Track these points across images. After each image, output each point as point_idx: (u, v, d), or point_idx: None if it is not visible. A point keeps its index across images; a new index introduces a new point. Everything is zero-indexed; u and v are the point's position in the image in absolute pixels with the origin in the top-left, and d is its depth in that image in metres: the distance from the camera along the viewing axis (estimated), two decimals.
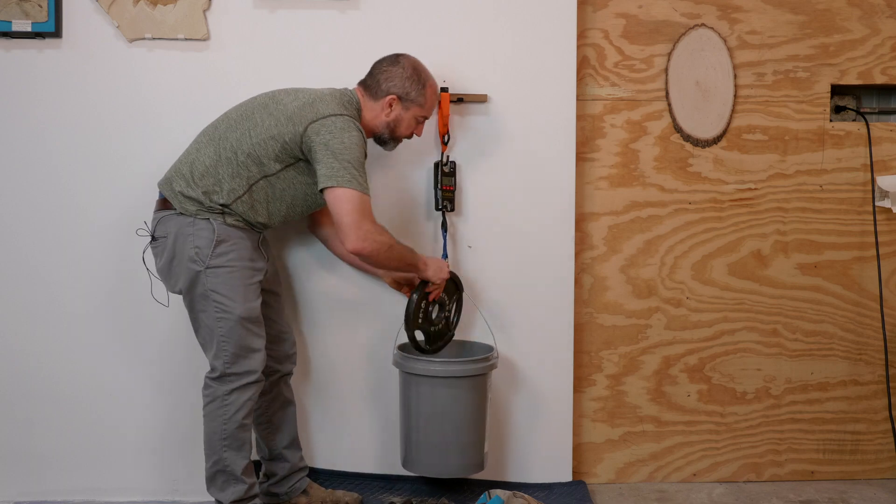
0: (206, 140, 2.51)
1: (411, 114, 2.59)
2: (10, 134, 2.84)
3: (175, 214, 2.45)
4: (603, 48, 3.05)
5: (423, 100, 2.59)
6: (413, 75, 2.56)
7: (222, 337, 2.43)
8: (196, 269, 2.42)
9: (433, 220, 2.94)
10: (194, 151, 2.50)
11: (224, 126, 2.50)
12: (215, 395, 2.46)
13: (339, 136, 2.38)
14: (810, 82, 3.10)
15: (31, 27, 2.78)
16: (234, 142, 2.45)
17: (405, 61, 2.58)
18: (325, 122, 2.40)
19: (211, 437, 2.47)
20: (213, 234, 2.41)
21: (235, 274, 2.44)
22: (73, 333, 2.87)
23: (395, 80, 2.55)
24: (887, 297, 3.13)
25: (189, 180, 2.45)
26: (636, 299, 3.10)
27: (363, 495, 2.84)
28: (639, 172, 3.08)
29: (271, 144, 2.43)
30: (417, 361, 2.70)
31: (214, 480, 2.49)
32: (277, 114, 2.45)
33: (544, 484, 2.99)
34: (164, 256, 2.47)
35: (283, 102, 2.47)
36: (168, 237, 2.45)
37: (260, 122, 2.45)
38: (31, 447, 2.88)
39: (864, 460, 3.17)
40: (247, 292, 2.45)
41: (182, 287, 2.46)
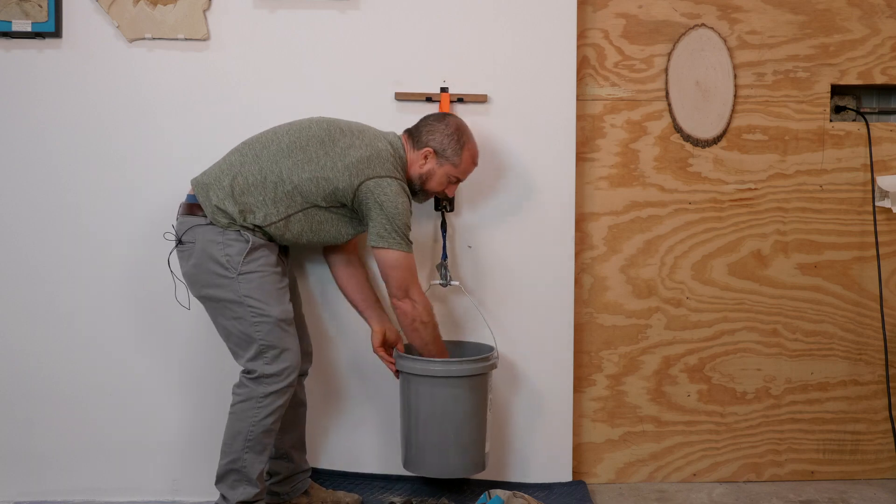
0: (252, 156, 2.50)
1: (444, 170, 2.63)
2: (10, 134, 2.84)
3: (204, 223, 2.47)
4: (603, 48, 3.05)
5: (459, 160, 2.63)
6: (454, 133, 2.62)
7: (262, 340, 2.44)
8: (228, 275, 2.44)
9: (433, 220, 2.95)
10: (238, 165, 2.50)
11: (274, 148, 2.50)
12: (251, 396, 2.45)
13: (394, 200, 2.48)
14: (810, 82, 3.10)
15: (31, 27, 2.78)
16: (284, 170, 2.47)
17: (451, 120, 2.65)
18: (381, 182, 2.48)
19: (235, 435, 2.46)
20: (247, 244, 2.44)
21: (267, 279, 2.47)
22: (73, 334, 2.87)
23: (435, 134, 2.61)
24: (887, 297, 3.13)
25: (228, 194, 2.46)
26: (636, 299, 3.10)
27: (363, 495, 2.85)
28: (639, 172, 3.08)
29: (323, 185, 2.47)
30: (417, 362, 2.69)
31: (226, 478, 2.48)
32: (335, 157, 2.48)
33: (544, 484, 2.99)
34: (191, 261, 2.49)
35: (339, 145, 2.50)
36: (196, 243, 2.47)
37: (315, 159, 2.48)
38: (31, 447, 2.88)
39: (864, 460, 3.17)
40: (280, 295, 2.49)
41: (209, 294, 2.48)
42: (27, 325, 2.86)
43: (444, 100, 2.88)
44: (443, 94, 2.89)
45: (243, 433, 2.45)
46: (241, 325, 2.46)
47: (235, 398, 2.48)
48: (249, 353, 2.46)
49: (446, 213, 2.91)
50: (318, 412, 2.95)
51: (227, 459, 2.48)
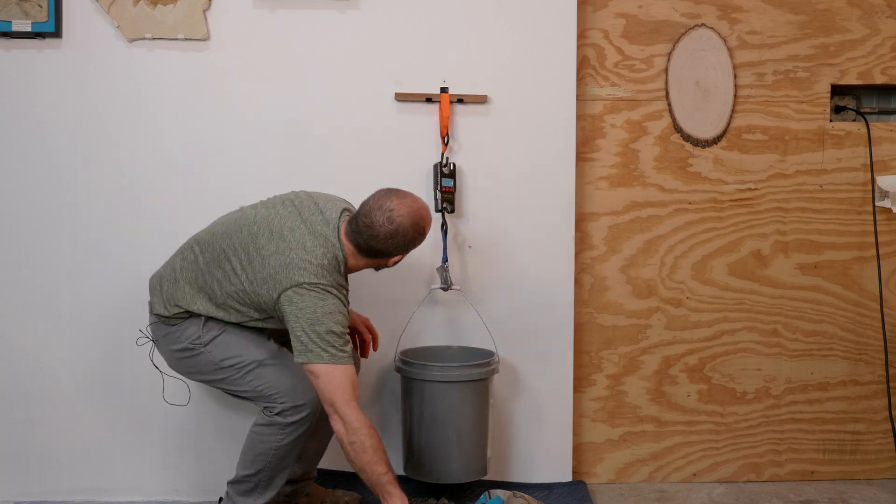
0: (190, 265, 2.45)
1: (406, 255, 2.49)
2: (10, 134, 2.84)
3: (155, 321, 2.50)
4: (603, 48, 3.05)
5: (423, 239, 2.47)
6: (415, 236, 2.41)
7: (262, 388, 2.41)
8: (198, 352, 2.44)
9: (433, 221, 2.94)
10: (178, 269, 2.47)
11: (209, 255, 2.43)
12: (274, 423, 2.41)
13: (312, 307, 2.28)
14: (810, 82, 3.10)
15: (31, 27, 2.78)
16: (214, 284, 2.41)
17: (402, 229, 2.37)
18: (299, 290, 2.29)
19: (257, 454, 2.44)
20: (201, 321, 2.43)
21: (231, 333, 2.44)
22: (73, 334, 2.87)
23: (398, 248, 2.42)
24: (887, 297, 3.13)
25: (169, 301, 2.45)
26: (636, 299, 3.10)
27: (363, 495, 2.84)
28: (639, 172, 3.08)
29: (248, 298, 2.38)
30: (418, 367, 2.70)
31: (240, 484, 2.47)
32: (257, 266, 2.34)
33: (544, 484, 2.99)
34: (165, 355, 2.53)
35: (263, 251, 2.35)
36: (159, 342, 2.52)
37: (239, 270, 2.37)
38: (31, 447, 2.88)
39: (864, 460, 3.17)
40: (251, 339, 2.45)
41: (197, 377, 2.51)
42: (27, 326, 2.86)
43: (444, 100, 2.88)
44: (443, 94, 2.89)
45: (266, 455, 2.43)
46: (238, 386, 2.44)
47: (260, 418, 2.45)
48: (262, 402, 2.44)
49: (447, 214, 2.90)
50: None
51: (247, 472, 2.46)
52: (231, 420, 2.90)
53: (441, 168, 2.88)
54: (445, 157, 2.90)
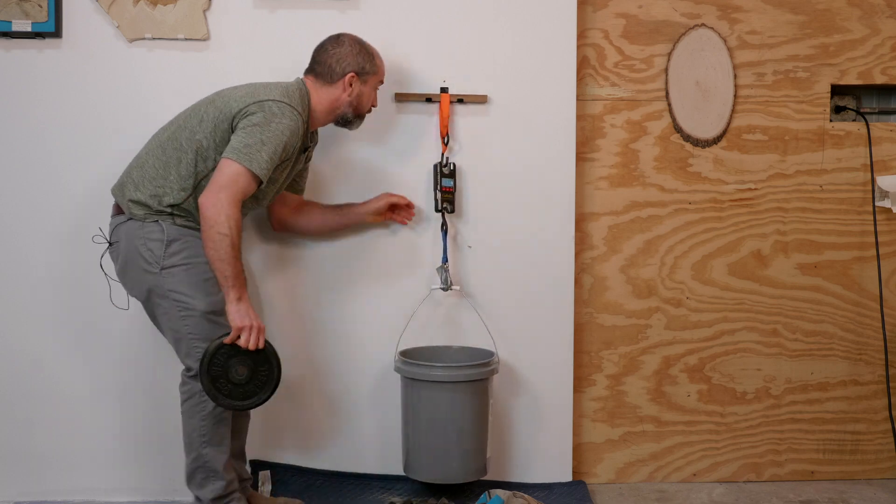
0: (154, 143, 2.53)
1: (370, 85, 2.65)
2: (10, 134, 2.84)
3: (125, 220, 2.48)
4: (603, 48, 3.05)
5: (377, 68, 2.65)
6: (362, 50, 2.61)
7: (190, 334, 2.43)
8: (152, 271, 2.43)
9: (433, 221, 2.94)
10: (143, 154, 2.53)
11: (173, 127, 2.52)
12: (193, 392, 2.45)
13: (269, 119, 2.40)
14: (810, 82, 3.10)
15: (31, 27, 2.78)
16: (183, 140, 2.47)
17: (348, 39, 2.61)
18: (262, 105, 2.42)
19: (191, 433, 2.47)
20: (164, 235, 2.43)
21: (192, 270, 2.44)
22: (73, 334, 2.87)
23: (347, 58, 2.58)
24: (887, 297, 3.13)
25: (138, 184, 2.47)
26: (636, 299, 3.10)
27: (364, 495, 2.84)
28: (639, 172, 3.08)
29: (213, 135, 2.45)
30: (418, 367, 2.70)
31: (194, 477, 2.49)
32: (221, 104, 2.47)
33: (544, 484, 2.99)
34: (119, 261, 2.50)
35: (227, 95, 2.51)
36: (121, 242, 2.48)
37: (205, 116, 2.47)
38: (31, 447, 2.88)
39: (864, 460, 3.17)
40: (206, 286, 2.45)
41: (139, 291, 2.49)
42: (27, 326, 2.86)
43: (444, 100, 2.88)
44: (443, 94, 2.89)
45: (197, 429, 2.46)
46: (171, 322, 2.45)
47: (182, 397, 2.49)
48: (182, 349, 2.46)
49: (447, 214, 2.90)
50: (319, 413, 2.95)
51: (190, 458, 2.49)
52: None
53: (441, 168, 2.88)
54: (445, 157, 2.90)
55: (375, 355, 2.93)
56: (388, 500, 2.83)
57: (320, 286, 2.92)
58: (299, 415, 2.94)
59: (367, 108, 2.68)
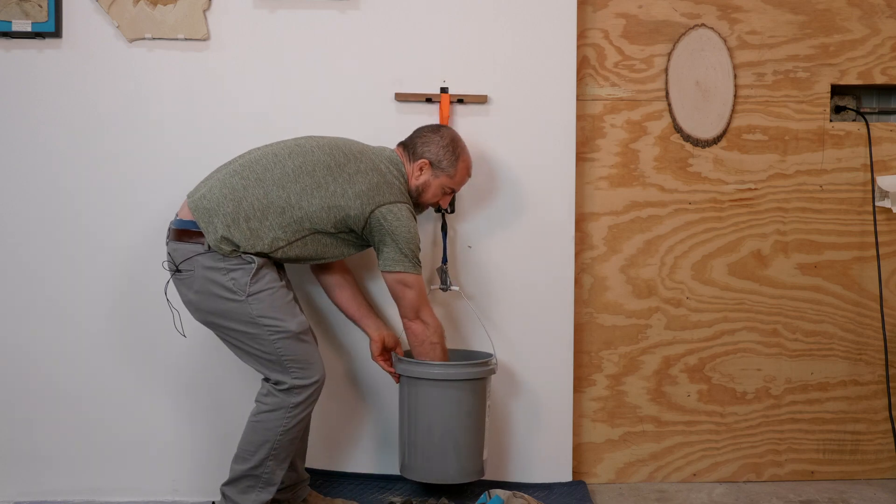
0: (254, 180, 2.46)
1: (439, 182, 2.64)
2: (10, 134, 2.84)
3: (202, 251, 2.43)
4: (603, 48, 3.05)
5: (454, 171, 2.65)
6: (449, 146, 2.63)
7: (285, 357, 2.44)
8: (237, 298, 2.42)
9: (433, 222, 2.94)
10: (241, 189, 2.45)
11: (279, 172, 2.47)
12: (280, 406, 2.45)
13: (406, 225, 2.51)
14: (810, 82, 3.10)
15: (31, 27, 2.78)
16: (293, 196, 2.45)
17: (446, 132, 2.66)
18: (392, 208, 2.50)
19: (261, 443, 2.45)
20: (251, 266, 2.42)
21: (277, 294, 2.46)
22: (73, 334, 2.87)
23: (431, 146, 2.62)
24: (887, 297, 3.13)
25: (233, 221, 2.42)
26: (636, 299, 3.10)
27: (363, 496, 2.84)
28: (639, 172, 3.08)
29: (334, 213, 2.48)
30: (416, 366, 2.69)
31: (239, 483, 2.48)
32: (344, 184, 2.48)
33: (544, 484, 2.99)
34: (194, 288, 2.46)
35: (346, 170, 2.50)
36: (195, 271, 2.44)
37: (324, 185, 2.47)
38: (31, 447, 2.88)
39: (864, 460, 3.17)
40: (291, 308, 2.49)
41: (218, 321, 2.47)
42: (27, 326, 2.86)
43: (444, 100, 2.88)
44: (443, 94, 2.89)
45: (270, 441, 2.45)
46: (262, 345, 2.45)
47: (263, 406, 2.47)
48: (277, 370, 2.46)
49: (447, 214, 2.90)
50: (318, 414, 2.95)
51: (248, 466, 2.46)
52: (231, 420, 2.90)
53: None
54: None
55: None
56: (387, 499, 2.83)
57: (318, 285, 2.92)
58: None
59: (429, 201, 2.66)
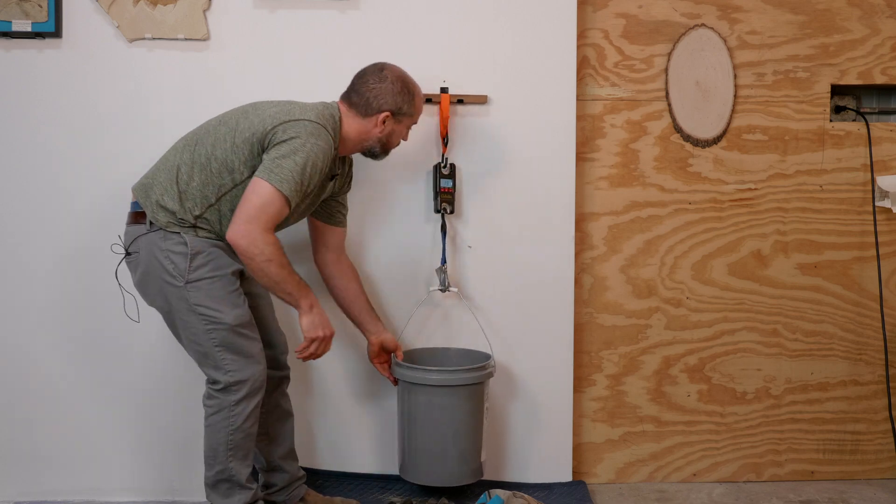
0: (182, 145, 2.48)
1: (403, 125, 2.60)
2: (10, 134, 2.84)
3: (146, 230, 2.41)
4: (603, 48, 3.05)
5: (414, 110, 2.59)
6: (403, 89, 2.54)
7: (218, 348, 2.39)
8: (176, 284, 2.38)
9: (432, 222, 2.94)
10: (171, 157, 2.47)
11: (202, 132, 2.47)
12: (222, 406, 2.41)
13: (304, 138, 2.34)
14: (810, 82, 3.10)
15: (31, 27, 2.78)
16: (209, 147, 2.42)
17: (391, 75, 2.54)
18: (297, 124, 2.37)
19: (216, 447, 2.43)
20: (187, 248, 2.37)
21: (217, 283, 2.39)
22: (74, 335, 2.87)
23: (385, 96, 2.52)
24: (887, 297, 3.13)
25: (166, 188, 2.41)
26: (636, 299, 3.10)
27: (362, 496, 2.84)
28: (639, 172, 3.08)
29: (244, 148, 2.40)
30: (414, 370, 2.70)
31: (217, 488, 2.47)
32: (253, 118, 2.42)
33: (544, 484, 2.99)
34: (139, 272, 2.45)
35: (261, 108, 2.46)
36: (140, 252, 2.42)
37: (236, 126, 2.42)
38: (31, 447, 2.88)
39: (864, 460, 3.17)
40: (232, 298, 2.42)
41: (161, 304, 2.44)
42: (28, 326, 2.86)
43: (445, 100, 2.88)
44: (443, 94, 2.88)
45: (224, 443, 2.42)
46: (196, 336, 2.40)
47: (208, 410, 2.44)
48: (209, 363, 2.41)
49: (446, 215, 2.90)
50: (318, 415, 2.95)
51: (215, 470, 2.45)
52: None
53: (441, 168, 2.88)
54: (445, 158, 2.90)
55: None
56: (387, 499, 2.83)
57: (317, 286, 2.92)
58: (298, 415, 2.93)
59: (395, 145, 2.64)
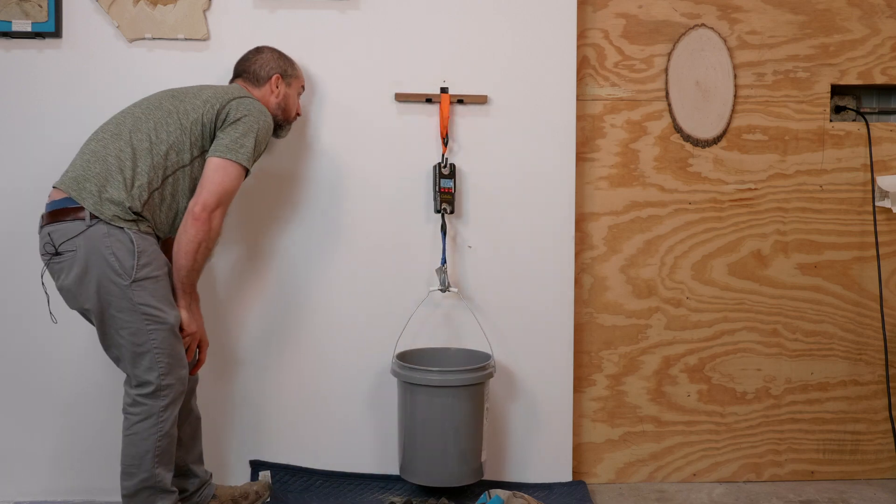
0: (109, 137, 2.40)
1: (294, 88, 2.71)
2: (10, 134, 2.84)
3: (85, 227, 2.29)
4: (603, 48, 3.05)
5: (297, 72, 2.73)
6: (281, 56, 2.69)
7: (157, 349, 2.32)
8: (120, 283, 2.29)
9: (432, 222, 2.94)
10: (101, 149, 2.37)
11: (130, 122, 2.41)
12: (151, 412, 2.33)
13: (257, 116, 2.46)
14: (810, 82, 3.10)
15: (31, 27, 2.78)
16: (150, 133, 2.39)
17: (266, 48, 2.70)
18: (245, 100, 2.48)
19: (142, 455, 2.34)
20: (133, 246, 2.30)
21: (159, 283, 2.35)
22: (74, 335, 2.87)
23: (270, 62, 2.66)
24: (887, 297, 3.13)
25: (107, 177, 2.32)
26: (636, 299, 3.10)
27: (363, 495, 2.85)
28: (639, 172, 3.08)
29: (194, 129, 2.42)
30: (414, 371, 2.70)
31: (138, 496, 2.37)
32: (194, 100, 2.46)
33: (544, 484, 2.99)
34: (73, 272, 2.30)
35: (192, 92, 2.50)
36: (77, 251, 2.29)
37: (175, 110, 2.43)
38: (31, 447, 2.88)
39: (864, 460, 3.17)
40: (170, 299, 2.39)
41: (95, 303, 2.31)
42: (28, 326, 2.86)
43: (445, 100, 2.88)
44: (443, 94, 2.89)
45: (151, 450, 2.34)
46: (135, 336, 2.32)
47: (133, 418, 2.34)
48: (143, 364, 2.33)
49: (446, 215, 2.90)
50: (319, 415, 2.95)
51: (138, 479, 2.35)
52: (230, 421, 2.90)
53: (441, 169, 2.88)
54: (445, 158, 2.90)
55: (374, 356, 2.93)
56: (387, 499, 2.83)
57: (319, 287, 2.92)
58: (299, 415, 2.94)
59: (293, 114, 2.72)
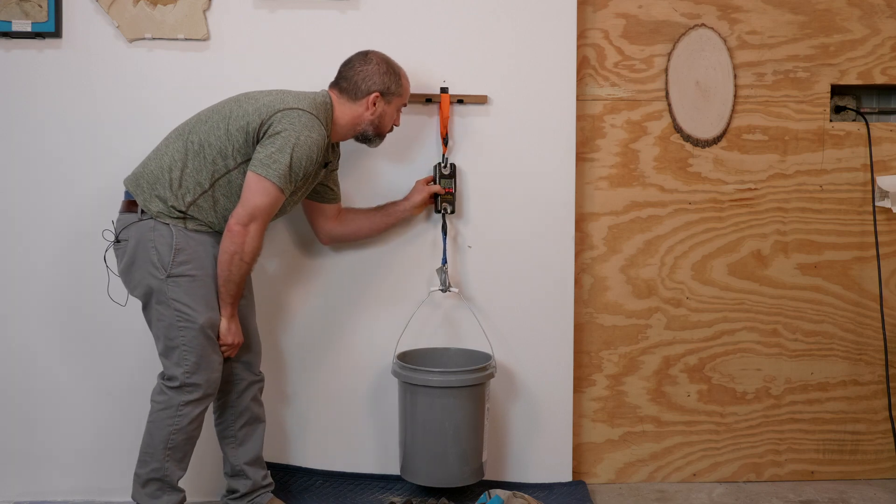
0: (174, 136, 2.50)
1: (393, 106, 2.64)
2: (10, 134, 2.84)
3: (137, 219, 2.43)
4: (603, 48, 3.05)
5: (402, 90, 2.64)
6: (388, 70, 2.60)
7: (185, 346, 2.40)
8: (157, 276, 2.39)
9: (433, 222, 2.94)
10: (163, 147, 2.49)
11: (194, 121, 2.50)
12: (170, 404, 2.41)
13: (298, 131, 2.39)
14: (810, 82, 3.10)
15: (31, 27, 2.78)
16: (202, 135, 2.44)
17: (375, 58, 2.61)
18: (291, 113, 2.41)
19: (155, 444, 2.41)
20: (173, 241, 2.39)
21: (197, 283, 2.41)
22: (75, 334, 2.87)
23: (373, 77, 2.57)
24: (887, 297, 3.13)
25: (158, 175, 2.43)
26: (636, 299, 3.10)
27: (363, 495, 2.85)
28: (639, 172, 3.08)
29: (238, 136, 2.42)
30: (415, 372, 2.70)
31: (146, 486, 2.43)
32: (248, 106, 2.44)
33: (544, 484, 2.99)
34: (125, 260, 2.45)
35: (254, 97, 2.49)
36: (129, 241, 2.44)
37: (229, 115, 2.44)
38: (31, 447, 2.88)
39: (864, 460, 3.17)
40: (208, 300, 2.43)
41: (140, 293, 2.45)
42: (28, 326, 2.86)
43: (445, 100, 2.87)
44: (443, 94, 2.88)
45: (164, 442, 2.41)
46: (167, 329, 2.41)
47: (155, 405, 2.44)
48: (173, 358, 2.42)
49: (447, 215, 2.90)
50: (319, 416, 2.95)
51: (149, 468, 2.42)
52: None
53: (441, 169, 2.88)
54: (445, 158, 2.90)
55: (375, 356, 2.93)
56: (387, 499, 2.83)
57: (319, 287, 2.92)
58: (299, 415, 2.94)
59: (388, 129, 2.67)
